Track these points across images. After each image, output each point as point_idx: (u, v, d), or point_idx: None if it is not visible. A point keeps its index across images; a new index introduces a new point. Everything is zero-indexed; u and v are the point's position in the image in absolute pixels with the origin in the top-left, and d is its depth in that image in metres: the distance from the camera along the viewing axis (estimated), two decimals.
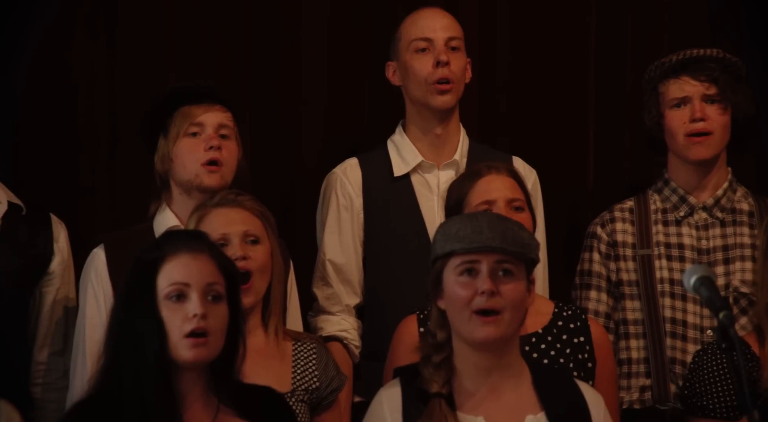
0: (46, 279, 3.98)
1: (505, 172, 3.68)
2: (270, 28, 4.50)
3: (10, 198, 3.96)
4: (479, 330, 3.10)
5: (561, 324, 3.63)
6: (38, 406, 3.96)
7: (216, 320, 3.00)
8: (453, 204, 3.68)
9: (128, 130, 4.25)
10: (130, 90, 4.37)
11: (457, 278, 3.13)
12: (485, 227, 3.11)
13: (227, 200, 3.54)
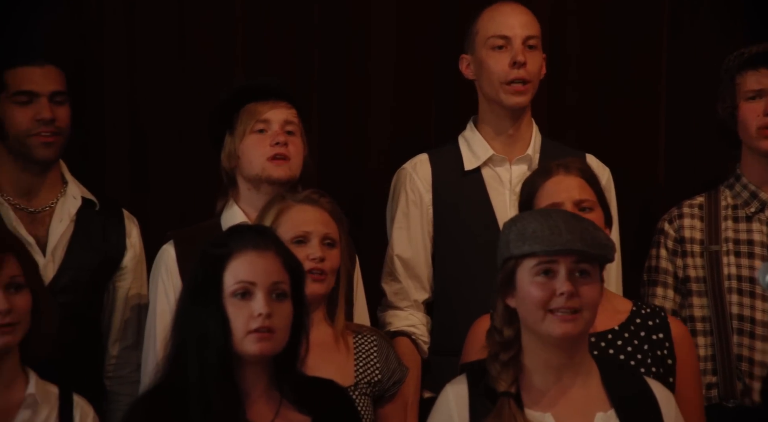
0: (119, 274, 3.98)
1: (575, 172, 3.59)
2: (338, 24, 4.46)
3: (83, 193, 3.97)
4: (558, 327, 3.03)
5: (639, 321, 3.54)
6: (111, 399, 3.96)
7: (280, 318, 2.97)
8: (524, 201, 3.61)
9: (196, 127, 4.22)
10: (198, 87, 4.35)
11: (533, 278, 3.06)
12: (563, 228, 3.04)
13: (310, 199, 3.52)
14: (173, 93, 4.36)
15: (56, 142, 3.85)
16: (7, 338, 3.07)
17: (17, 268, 3.10)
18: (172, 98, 4.36)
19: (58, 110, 3.86)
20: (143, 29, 4.35)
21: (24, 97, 3.83)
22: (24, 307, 3.10)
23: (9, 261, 3.09)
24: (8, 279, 3.08)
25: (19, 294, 3.09)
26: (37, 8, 4.23)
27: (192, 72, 4.37)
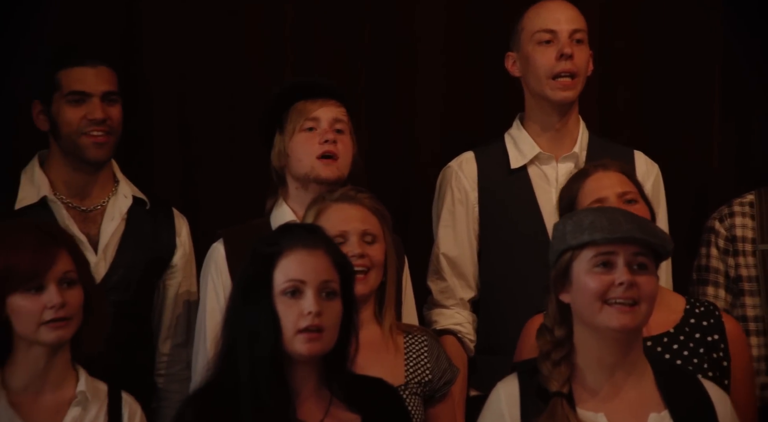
0: (169, 272, 3.97)
1: (613, 169, 3.54)
2: (386, 21, 4.43)
3: (134, 192, 3.96)
4: (615, 318, 2.97)
5: (693, 321, 3.46)
6: (162, 396, 3.95)
7: (330, 316, 2.94)
8: (565, 206, 3.55)
9: (245, 125, 4.21)
10: (246, 85, 4.33)
11: (591, 269, 3.00)
12: (622, 219, 2.99)
13: (347, 196, 3.48)
14: (222, 91, 4.35)
15: (107, 142, 3.84)
16: (60, 332, 3.06)
17: (70, 264, 3.08)
18: (222, 97, 4.35)
19: (110, 110, 3.85)
20: (192, 28, 4.34)
21: (76, 96, 3.82)
22: (77, 303, 3.08)
23: (62, 256, 3.07)
24: (61, 274, 3.06)
25: (72, 290, 3.07)
26: (89, 9, 4.23)
27: (241, 71, 4.36)
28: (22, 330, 3.05)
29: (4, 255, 3.02)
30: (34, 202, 3.84)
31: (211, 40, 4.34)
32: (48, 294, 3.03)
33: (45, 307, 3.03)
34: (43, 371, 3.09)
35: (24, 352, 3.07)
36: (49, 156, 3.90)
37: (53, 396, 3.11)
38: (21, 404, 3.08)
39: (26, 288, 3.03)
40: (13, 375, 3.08)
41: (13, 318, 3.04)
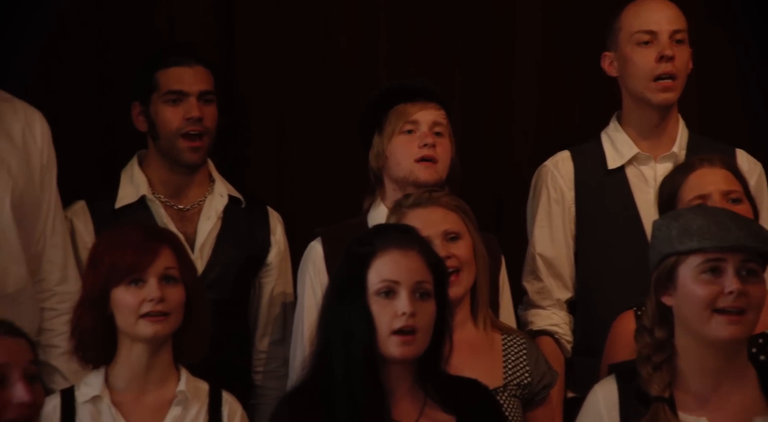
0: (264, 271, 3.94)
1: (719, 164, 3.43)
2: (482, 22, 4.38)
3: (230, 191, 3.94)
4: (724, 329, 2.86)
5: None
6: (260, 393, 3.93)
7: (424, 317, 2.89)
8: (665, 199, 3.45)
9: (343, 125, 4.17)
10: (342, 86, 4.30)
11: (699, 276, 2.89)
12: (731, 224, 2.88)
13: (423, 199, 3.42)
14: (318, 90, 4.32)
15: (202, 146, 3.84)
16: (157, 327, 3.07)
17: (173, 261, 3.10)
18: (318, 96, 4.32)
19: (206, 109, 3.84)
20: (288, 27, 4.31)
21: (174, 96, 3.82)
22: (176, 300, 3.09)
23: (165, 253, 3.09)
24: (163, 270, 3.08)
25: (172, 287, 3.09)
26: (185, 10, 4.23)
27: (336, 70, 4.33)
28: (123, 323, 3.08)
29: (111, 252, 3.08)
30: (133, 201, 3.84)
31: (307, 40, 4.32)
32: (148, 288, 3.06)
33: (144, 300, 3.05)
34: (145, 370, 3.10)
35: (127, 350, 3.10)
36: (148, 156, 3.90)
37: (155, 395, 3.12)
38: (123, 403, 3.11)
39: (128, 282, 3.06)
40: (116, 375, 3.11)
41: (115, 312, 3.08)
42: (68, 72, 4.11)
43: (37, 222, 3.55)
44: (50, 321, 3.56)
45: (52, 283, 3.58)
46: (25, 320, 3.20)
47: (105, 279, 3.07)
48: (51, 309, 3.57)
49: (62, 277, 3.59)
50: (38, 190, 3.55)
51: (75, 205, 3.82)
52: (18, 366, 2.77)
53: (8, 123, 3.52)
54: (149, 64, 3.85)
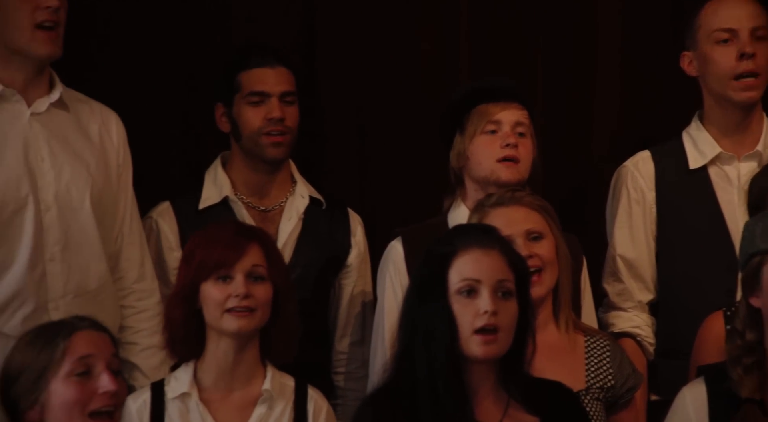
0: (344, 272, 3.93)
1: None
2: (563, 20, 4.33)
3: (311, 192, 3.93)
4: None
5: None
6: (340, 394, 3.91)
7: (506, 316, 2.85)
8: (755, 198, 3.39)
9: (423, 125, 4.15)
10: (422, 84, 4.28)
11: None
12: None
13: (505, 199, 3.37)
14: (398, 90, 4.30)
15: (285, 142, 3.82)
16: (242, 322, 3.08)
17: (261, 259, 3.12)
18: (397, 95, 4.30)
19: (288, 110, 3.83)
20: (368, 27, 4.30)
21: (256, 97, 3.81)
22: (262, 297, 3.10)
23: (253, 250, 3.11)
24: (250, 267, 3.10)
25: (259, 284, 3.11)
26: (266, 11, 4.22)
27: (416, 69, 4.31)
28: (209, 317, 3.09)
29: (202, 247, 3.11)
30: (217, 202, 3.84)
31: (387, 40, 4.30)
32: (234, 284, 3.07)
33: (230, 296, 3.07)
34: (232, 366, 3.11)
35: (214, 345, 3.11)
36: (231, 157, 3.89)
37: (241, 393, 3.14)
38: (211, 401, 3.11)
39: (216, 277, 3.08)
40: (204, 370, 3.12)
41: (203, 306, 3.10)
42: (150, 74, 4.12)
43: (114, 221, 3.56)
44: (129, 319, 3.57)
45: (129, 281, 3.58)
46: (107, 317, 3.21)
47: (195, 274, 3.10)
48: (129, 306, 3.57)
49: (139, 275, 3.60)
50: (115, 189, 3.56)
51: (160, 206, 3.83)
52: (102, 358, 2.86)
53: (86, 123, 3.53)
54: (232, 65, 3.85)
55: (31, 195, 3.38)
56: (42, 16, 3.34)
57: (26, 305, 3.35)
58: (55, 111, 3.47)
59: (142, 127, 3.79)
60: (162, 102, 4.12)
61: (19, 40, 3.36)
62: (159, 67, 4.12)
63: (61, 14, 3.37)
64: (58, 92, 3.47)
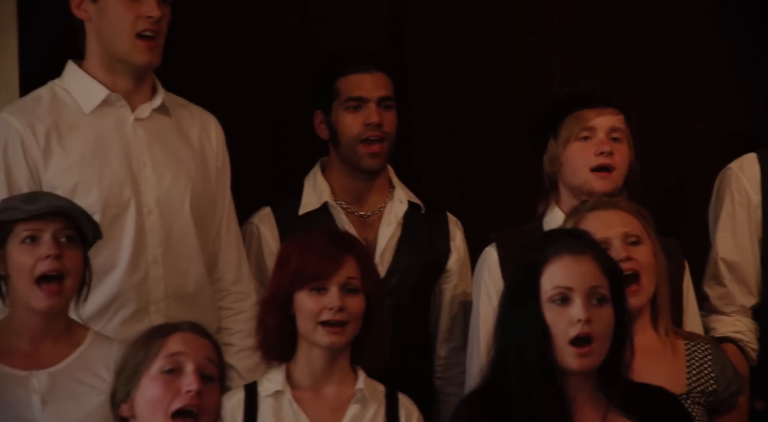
0: (445, 277, 3.91)
1: None
2: (661, 21, 4.28)
3: (410, 197, 3.92)
4: None
5: None
6: (441, 399, 3.90)
7: (601, 324, 2.80)
8: None
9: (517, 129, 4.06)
10: (515, 88, 4.26)
11: None
12: None
13: (602, 203, 3.32)
14: (492, 94, 4.28)
15: (382, 152, 3.82)
16: (334, 337, 3.07)
17: (355, 271, 3.10)
18: (491, 100, 4.28)
19: (385, 115, 3.82)
20: (459, 31, 4.28)
21: (354, 102, 3.81)
22: (356, 310, 3.09)
23: (349, 263, 3.10)
24: (345, 279, 3.09)
25: (353, 297, 3.09)
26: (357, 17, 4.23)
27: (509, 73, 4.29)
28: (303, 327, 3.09)
29: (297, 255, 3.10)
30: (316, 208, 3.84)
31: (479, 44, 4.28)
32: (329, 297, 3.06)
33: (324, 308, 3.06)
34: (323, 371, 3.11)
35: (306, 351, 3.11)
36: (330, 163, 3.90)
37: (334, 392, 3.13)
38: (303, 399, 3.12)
39: (310, 288, 3.07)
40: (296, 372, 3.13)
41: (297, 315, 3.10)
42: (246, 81, 4.15)
43: (212, 224, 3.58)
44: (226, 320, 3.59)
45: (227, 283, 3.61)
46: (204, 319, 3.23)
47: (290, 282, 3.09)
48: (226, 308, 3.60)
49: (237, 277, 3.62)
50: (214, 193, 3.58)
51: (261, 212, 3.84)
52: (193, 358, 2.83)
53: (186, 127, 3.57)
54: (330, 72, 3.85)
55: (133, 199, 3.42)
56: (143, 25, 3.39)
57: (126, 307, 3.40)
58: (157, 116, 3.51)
59: (238, 132, 3.81)
60: (257, 107, 4.15)
61: (120, 49, 3.41)
62: (254, 72, 4.15)
63: (162, 24, 3.42)
64: (160, 98, 3.51)
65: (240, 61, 4.12)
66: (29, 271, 3.03)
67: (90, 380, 3.09)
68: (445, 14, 4.27)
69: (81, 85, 3.45)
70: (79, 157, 3.39)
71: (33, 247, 3.04)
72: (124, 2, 3.39)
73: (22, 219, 3.04)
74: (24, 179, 3.35)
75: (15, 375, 3.05)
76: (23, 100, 3.49)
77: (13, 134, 3.37)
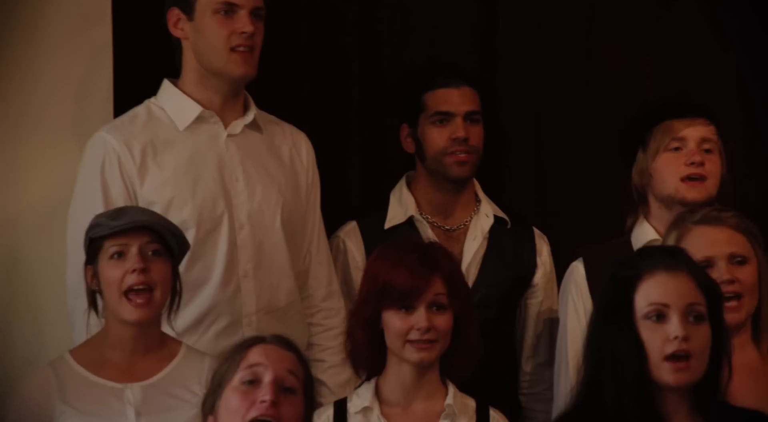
0: (531, 292, 3.90)
1: None
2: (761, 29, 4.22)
3: (495, 211, 3.92)
4: None
5: None
6: (527, 416, 3.90)
7: (698, 341, 2.76)
8: None
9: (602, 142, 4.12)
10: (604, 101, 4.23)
11: None
12: None
13: (710, 218, 3.26)
14: (579, 107, 4.25)
15: (469, 161, 3.82)
16: (423, 354, 3.07)
17: (443, 288, 3.08)
18: (578, 113, 4.25)
19: (472, 129, 3.82)
20: (547, 45, 4.27)
21: (441, 117, 3.82)
22: (443, 328, 3.08)
23: (437, 281, 3.08)
24: (432, 297, 3.07)
25: (441, 314, 3.08)
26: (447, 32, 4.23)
27: (598, 86, 4.26)
28: (391, 344, 3.09)
29: (386, 271, 3.08)
30: (402, 222, 3.85)
31: (569, 56, 4.27)
32: (417, 316, 3.06)
33: (413, 327, 3.05)
34: (412, 385, 3.11)
35: (395, 366, 3.11)
36: (416, 177, 3.91)
37: (423, 408, 3.12)
38: (392, 415, 3.11)
39: (398, 306, 3.06)
40: (386, 387, 3.12)
41: (385, 332, 3.09)
42: (335, 95, 4.17)
43: (303, 240, 3.62)
44: (317, 336, 3.62)
45: (317, 299, 3.64)
46: (295, 334, 3.25)
47: (377, 299, 3.08)
48: (317, 324, 3.63)
49: (327, 293, 3.65)
50: (304, 208, 3.62)
51: (347, 226, 3.86)
52: (272, 370, 2.84)
53: (277, 144, 3.61)
54: (417, 86, 3.87)
55: (226, 213, 3.47)
56: (237, 40, 3.45)
57: (220, 320, 3.44)
58: (249, 132, 3.56)
59: (326, 146, 3.84)
60: (345, 121, 4.16)
61: (217, 63, 3.47)
62: (342, 86, 4.17)
63: (256, 39, 3.47)
64: (252, 114, 3.56)
65: (329, 75, 4.14)
66: (118, 285, 3.11)
67: (182, 394, 3.15)
68: (535, 27, 4.25)
69: (175, 103, 3.51)
70: (174, 173, 3.45)
71: (121, 262, 3.12)
72: (218, 19, 3.45)
73: (109, 234, 3.12)
74: (121, 196, 3.41)
75: (111, 387, 3.13)
76: (120, 119, 3.55)
77: (110, 152, 3.43)
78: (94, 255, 3.15)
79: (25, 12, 3.74)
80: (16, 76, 3.75)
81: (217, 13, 3.45)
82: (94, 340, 3.20)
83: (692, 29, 4.25)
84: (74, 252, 3.35)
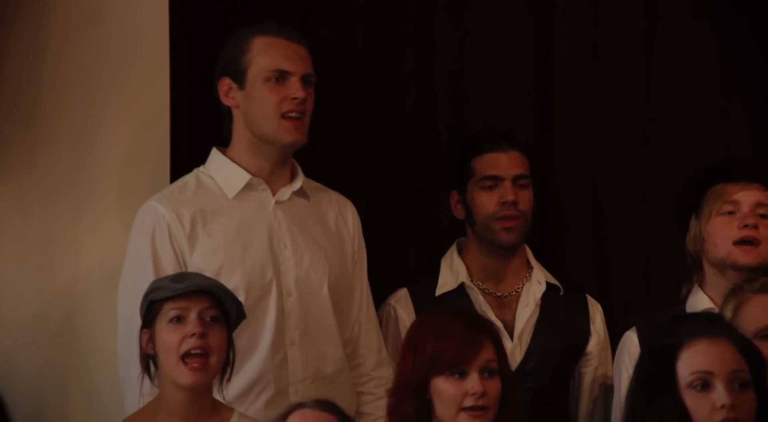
0: (584, 360, 3.90)
1: None
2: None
3: (548, 278, 3.92)
4: None
5: None
6: None
7: (745, 409, 2.76)
8: None
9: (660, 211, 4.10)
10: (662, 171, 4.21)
11: None
12: None
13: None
14: (636, 177, 4.25)
15: (517, 227, 3.83)
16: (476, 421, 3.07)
17: (493, 354, 3.11)
18: (635, 182, 4.25)
19: (521, 193, 3.85)
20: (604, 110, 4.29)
21: (489, 181, 3.84)
22: (495, 393, 3.09)
23: (487, 346, 3.11)
24: (484, 362, 3.10)
25: (492, 380, 3.10)
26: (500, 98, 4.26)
27: (654, 154, 4.26)
28: (442, 413, 3.09)
29: (433, 339, 3.10)
30: (453, 288, 3.87)
31: (623, 124, 4.27)
32: (470, 382, 3.08)
33: (467, 394, 3.07)
34: None
35: None
36: (466, 243, 3.93)
37: None
38: None
39: (450, 373, 3.08)
40: None
41: (435, 400, 3.10)
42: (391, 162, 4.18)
43: (351, 307, 3.64)
44: (367, 406, 3.63)
45: (368, 368, 3.65)
46: (343, 402, 3.23)
47: (427, 367, 3.10)
48: (368, 393, 3.64)
49: (378, 362, 3.66)
50: (350, 276, 3.64)
51: (398, 293, 3.88)
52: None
53: (324, 211, 3.65)
54: (466, 152, 3.90)
55: (274, 280, 3.51)
56: (288, 106, 3.51)
57: (269, 389, 3.47)
58: (297, 199, 3.61)
59: (376, 215, 3.88)
60: (395, 190, 4.18)
61: (268, 129, 3.52)
62: (399, 153, 4.20)
63: (307, 104, 3.53)
64: (299, 181, 3.61)
65: (385, 142, 4.18)
66: (176, 349, 3.17)
67: None
68: (590, 96, 4.27)
69: (224, 171, 3.57)
70: (223, 241, 3.49)
71: (180, 326, 3.17)
72: (270, 86, 3.51)
73: (169, 297, 3.17)
74: (171, 264, 3.46)
75: None
76: (170, 188, 3.62)
77: (161, 221, 3.49)
78: (152, 318, 3.20)
79: (84, 81, 3.83)
80: (74, 144, 3.83)
81: (269, 80, 3.51)
82: (147, 408, 3.24)
83: None
84: (125, 319, 3.41)
